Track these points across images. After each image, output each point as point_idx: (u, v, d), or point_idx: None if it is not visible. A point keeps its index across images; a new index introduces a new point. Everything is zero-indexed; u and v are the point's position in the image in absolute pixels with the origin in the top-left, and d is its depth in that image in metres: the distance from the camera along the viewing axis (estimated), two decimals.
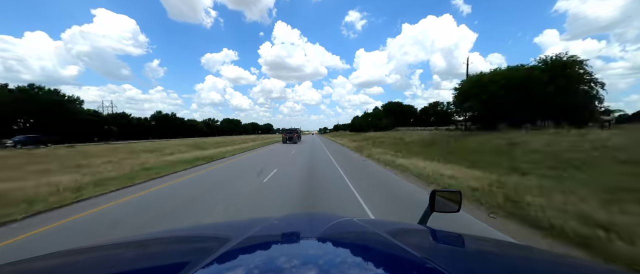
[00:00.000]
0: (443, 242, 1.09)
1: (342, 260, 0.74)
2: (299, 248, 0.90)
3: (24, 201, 5.86)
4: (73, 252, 0.91)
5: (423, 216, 1.51)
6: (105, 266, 0.78)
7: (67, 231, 4.47)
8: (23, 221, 4.97)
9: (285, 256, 0.79)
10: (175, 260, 0.80)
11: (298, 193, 6.71)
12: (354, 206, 5.63)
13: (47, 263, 0.80)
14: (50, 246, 3.86)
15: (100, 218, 5.17)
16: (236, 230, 1.13)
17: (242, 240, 0.90)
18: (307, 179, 8.60)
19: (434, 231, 1.18)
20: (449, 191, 1.58)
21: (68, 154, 18.41)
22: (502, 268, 0.81)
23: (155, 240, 1.11)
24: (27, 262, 0.78)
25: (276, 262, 0.72)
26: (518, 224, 4.45)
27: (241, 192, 6.95)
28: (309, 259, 0.75)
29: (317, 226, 1.22)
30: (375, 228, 1.18)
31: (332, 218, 1.34)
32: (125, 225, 4.66)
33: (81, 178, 8.78)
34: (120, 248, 1.02)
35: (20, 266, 0.76)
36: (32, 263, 0.78)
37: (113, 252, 0.97)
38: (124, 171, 10.44)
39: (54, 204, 5.84)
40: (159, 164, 12.89)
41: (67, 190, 7.04)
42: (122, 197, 6.67)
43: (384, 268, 0.70)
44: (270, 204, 5.85)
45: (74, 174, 9.68)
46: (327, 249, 0.86)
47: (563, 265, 0.89)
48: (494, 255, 0.98)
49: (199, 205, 5.83)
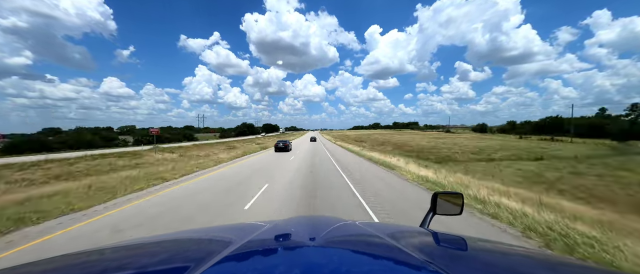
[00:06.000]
0: (445, 245, 1.07)
1: (343, 264, 0.74)
2: (300, 251, 0.90)
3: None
4: (73, 256, 0.92)
5: (425, 218, 1.50)
6: (105, 270, 0.79)
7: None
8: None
9: (286, 260, 0.79)
10: (176, 264, 0.81)
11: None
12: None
13: (46, 268, 0.81)
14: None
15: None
16: (238, 233, 1.14)
17: (244, 244, 0.90)
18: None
19: (436, 233, 1.17)
20: (451, 193, 1.60)
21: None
22: (504, 272, 0.81)
23: (156, 244, 1.12)
24: (25, 267, 0.79)
25: (277, 266, 0.73)
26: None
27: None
28: (311, 262, 0.75)
29: (318, 230, 1.23)
30: (377, 231, 1.18)
31: (333, 221, 1.35)
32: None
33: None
34: (121, 251, 1.03)
35: (19, 271, 0.77)
36: (30, 268, 0.79)
37: (114, 255, 0.98)
38: None
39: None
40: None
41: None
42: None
43: (385, 271, 0.70)
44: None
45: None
46: (328, 253, 0.86)
47: (566, 269, 0.88)
48: (496, 258, 0.97)
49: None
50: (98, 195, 7.92)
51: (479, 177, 11.99)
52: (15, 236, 5.00)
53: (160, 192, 8.60)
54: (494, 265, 0.88)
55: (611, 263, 4.37)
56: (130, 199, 7.63)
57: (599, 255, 4.34)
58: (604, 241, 4.75)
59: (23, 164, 16.38)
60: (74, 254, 0.94)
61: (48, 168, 15.84)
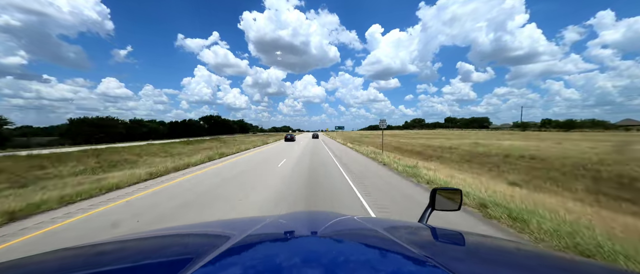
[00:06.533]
0: (443, 240, 1.07)
1: (342, 258, 0.74)
2: (299, 246, 0.90)
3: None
4: (72, 250, 0.93)
5: (423, 213, 1.50)
6: (105, 264, 0.80)
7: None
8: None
9: (285, 254, 0.79)
10: (176, 257, 0.82)
11: None
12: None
13: (42, 261, 0.81)
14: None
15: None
16: (237, 228, 1.15)
17: (243, 238, 0.91)
18: None
19: (434, 228, 1.17)
20: (450, 189, 1.59)
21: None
22: (502, 266, 0.81)
23: (155, 238, 1.13)
24: (22, 261, 0.80)
25: (276, 260, 0.73)
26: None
27: None
28: (310, 257, 0.75)
29: (317, 224, 1.23)
30: (376, 226, 1.18)
31: (332, 216, 1.35)
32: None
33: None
34: (121, 245, 1.04)
35: (13, 263, 0.78)
36: (27, 262, 0.80)
37: (114, 249, 0.99)
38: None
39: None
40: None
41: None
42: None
43: (384, 266, 0.70)
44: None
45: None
46: (327, 248, 0.86)
47: (564, 264, 0.87)
48: (494, 253, 0.96)
49: None
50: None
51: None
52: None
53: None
54: (491, 260, 0.88)
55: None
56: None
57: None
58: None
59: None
60: (70, 248, 0.95)
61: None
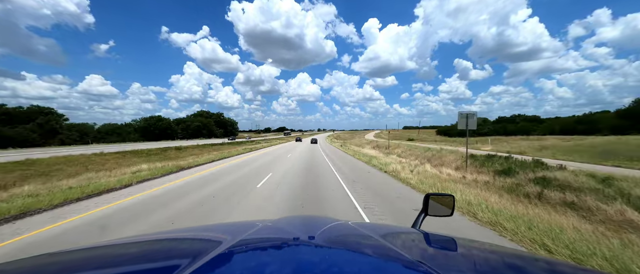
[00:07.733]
0: (436, 245, 1.09)
1: (335, 263, 0.74)
2: (292, 251, 0.90)
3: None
4: (61, 254, 0.91)
5: (417, 219, 1.52)
6: (94, 269, 0.78)
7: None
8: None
9: (278, 260, 0.77)
10: (165, 263, 0.80)
11: None
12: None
13: (34, 264, 0.80)
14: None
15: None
16: (229, 233, 1.13)
17: (235, 243, 0.89)
18: None
19: (428, 234, 1.18)
20: (443, 195, 1.61)
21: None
22: (495, 272, 0.81)
23: (145, 242, 1.11)
24: (14, 263, 0.78)
25: (269, 265, 0.72)
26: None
27: None
28: (302, 262, 0.75)
29: (311, 229, 1.23)
30: (369, 232, 1.18)
31: (326, 222, 1.35)
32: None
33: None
34: (110, 250, 1.02)
35: (7, 267, 0.76)
36: (19, 265, 0.78)
37: (102, 254, 0.97)
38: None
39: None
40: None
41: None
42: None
43: (377, 271, 0.70)
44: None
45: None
46: (320, 253, 0.86)
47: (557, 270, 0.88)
48: (486, 259, 0.97)
49: None
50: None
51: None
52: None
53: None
54: (484, 265, 0.89)
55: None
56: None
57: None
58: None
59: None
60: (61, 252, 0.92)
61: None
